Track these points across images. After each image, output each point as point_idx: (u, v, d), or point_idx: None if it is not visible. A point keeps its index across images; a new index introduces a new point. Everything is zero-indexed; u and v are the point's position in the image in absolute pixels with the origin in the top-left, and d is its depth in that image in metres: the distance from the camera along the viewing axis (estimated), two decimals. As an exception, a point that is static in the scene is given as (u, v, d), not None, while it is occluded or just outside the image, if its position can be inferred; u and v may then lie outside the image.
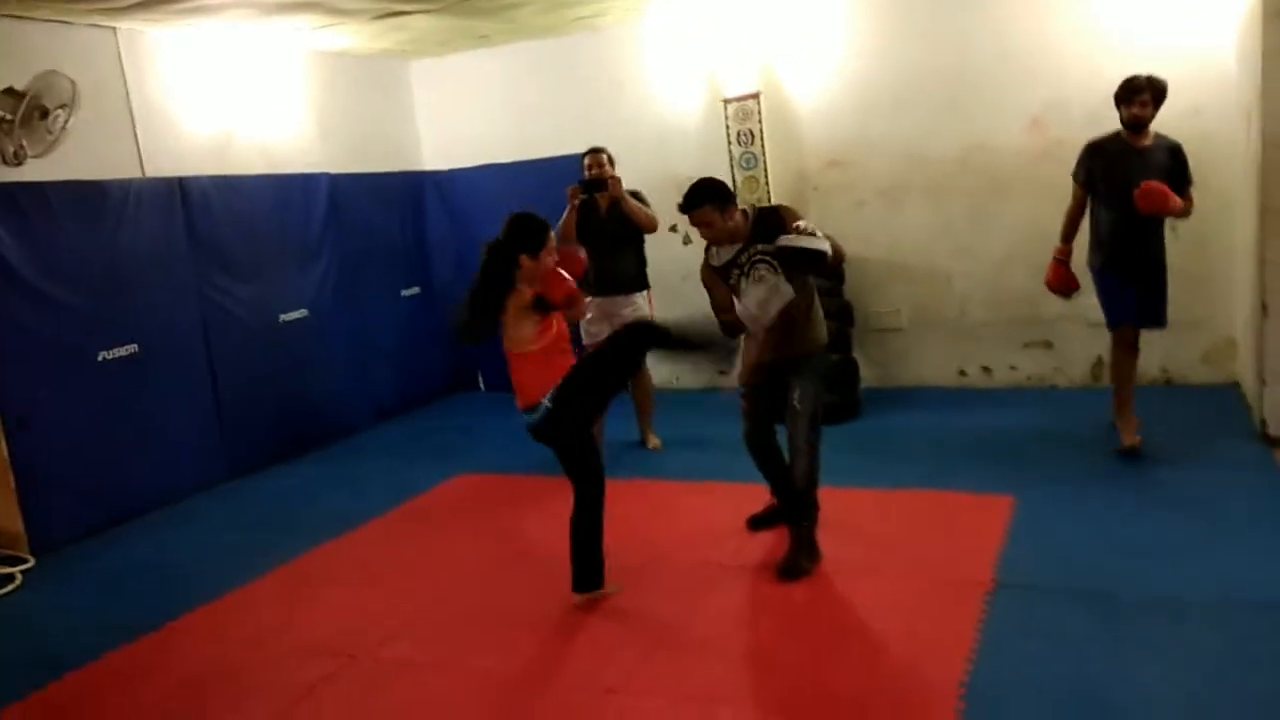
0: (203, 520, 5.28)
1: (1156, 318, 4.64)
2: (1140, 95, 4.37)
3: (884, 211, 6.25)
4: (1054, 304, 5.86)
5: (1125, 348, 4.68)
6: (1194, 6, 5.34)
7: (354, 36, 6.31)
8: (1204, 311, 5.58)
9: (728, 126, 6.37)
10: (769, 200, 6.29)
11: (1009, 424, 5.42)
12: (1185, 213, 4.45)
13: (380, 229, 7.23)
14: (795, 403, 3.67)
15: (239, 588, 4.19)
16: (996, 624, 3.20)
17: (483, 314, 3.51)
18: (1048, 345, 6.02)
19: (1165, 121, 4.47)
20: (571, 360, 3.55)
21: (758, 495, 4.17)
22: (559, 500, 3.74)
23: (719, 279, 3.79)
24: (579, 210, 5.25)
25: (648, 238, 5.45)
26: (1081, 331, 5.84)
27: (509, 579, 4.02)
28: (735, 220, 3.69)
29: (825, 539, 3.83)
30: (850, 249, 3.60)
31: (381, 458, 6.25)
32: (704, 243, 3.86)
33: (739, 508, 4.31)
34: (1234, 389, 5.51)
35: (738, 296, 3.74)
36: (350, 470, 6.01)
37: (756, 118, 6.29)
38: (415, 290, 7.57)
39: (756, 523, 4.18)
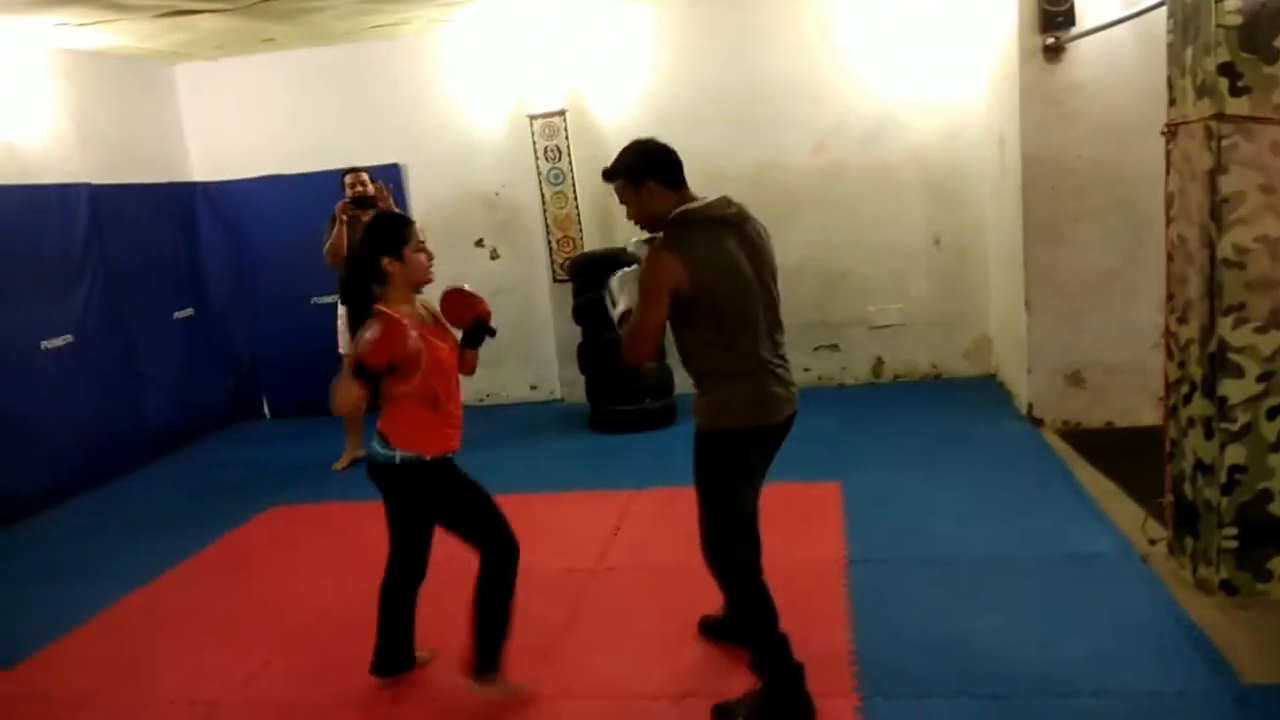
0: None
1: None
2: None
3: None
4: (840, 310, 6.47)
5: None
6: (949, 49, 6.08)
7: (123, 35, 5.74)
8: (965, 311, 6.34)
9: (534, 143, 6.43)
10: (577, 215, 6.45)
11: (813, 419, 5.85)
12: None
13: (148, 245, 6.60)
14: None
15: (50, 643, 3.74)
16: (860, 594, 3.50)
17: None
18: (835, 348, 6.59)
19: (927, 143, 4.80)
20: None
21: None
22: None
23: None
24: (346, 226, 5.39)
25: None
26: (864, 335, 6.47)
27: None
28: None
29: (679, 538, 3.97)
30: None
31: (167, 495, 5.70)
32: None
33: (592, 514, 4.40)
34: (991, 380, 6.32)
35: None
36: (135, 509, 5.43)
37: (563, 134, 6.39)
38: (189, 311, 6.96)
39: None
